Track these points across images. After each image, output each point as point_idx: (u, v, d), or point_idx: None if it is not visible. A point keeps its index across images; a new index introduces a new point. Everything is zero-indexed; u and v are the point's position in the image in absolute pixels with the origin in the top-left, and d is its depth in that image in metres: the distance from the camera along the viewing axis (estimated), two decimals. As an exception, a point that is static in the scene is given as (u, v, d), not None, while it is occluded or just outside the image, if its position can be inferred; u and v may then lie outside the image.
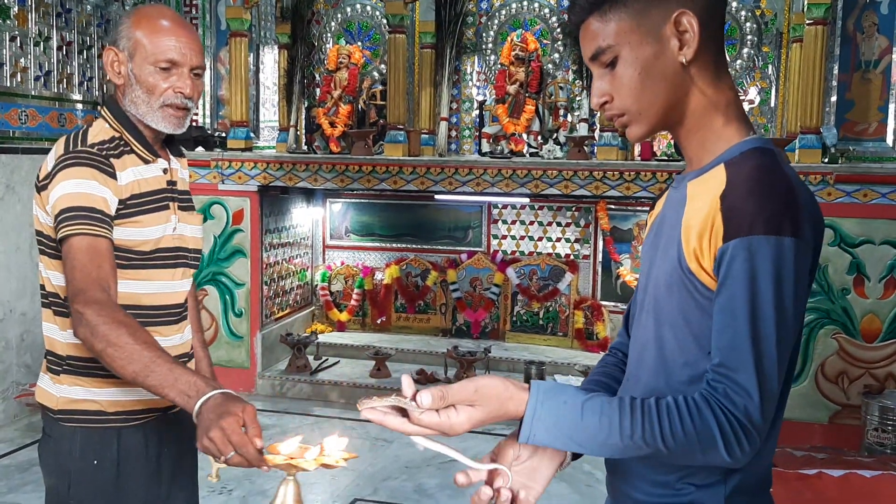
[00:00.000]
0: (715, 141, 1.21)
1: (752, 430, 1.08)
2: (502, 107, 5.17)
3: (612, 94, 1.21)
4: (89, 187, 1.64)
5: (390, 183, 5.00)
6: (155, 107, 1.75)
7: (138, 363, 1.46)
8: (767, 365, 1.08)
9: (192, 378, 1.42)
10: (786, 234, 1.08)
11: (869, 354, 4.37)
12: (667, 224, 1.24)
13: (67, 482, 1.74)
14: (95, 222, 1.62)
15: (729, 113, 1.22)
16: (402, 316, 5.93)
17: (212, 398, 1.36)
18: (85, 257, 1.58)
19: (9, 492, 3.74)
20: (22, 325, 4.77)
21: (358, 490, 3.83)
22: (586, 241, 5.67)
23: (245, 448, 1.28)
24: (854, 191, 4.30)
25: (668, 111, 1.21)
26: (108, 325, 1.49)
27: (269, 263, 5.45)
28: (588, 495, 3.79)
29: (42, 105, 4.95)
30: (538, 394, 1.13)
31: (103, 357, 1.50)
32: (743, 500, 1.19)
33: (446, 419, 1.12)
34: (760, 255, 1.08)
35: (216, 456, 1.31)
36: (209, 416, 1.33)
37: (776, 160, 1.16)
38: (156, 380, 1.44)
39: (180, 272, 1.84)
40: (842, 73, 4.71)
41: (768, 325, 1.08)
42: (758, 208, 1.09)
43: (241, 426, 1.30)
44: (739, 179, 1.13)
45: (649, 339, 1.24)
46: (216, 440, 1.29)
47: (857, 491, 3.15)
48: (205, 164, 5.19)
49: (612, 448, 1.12)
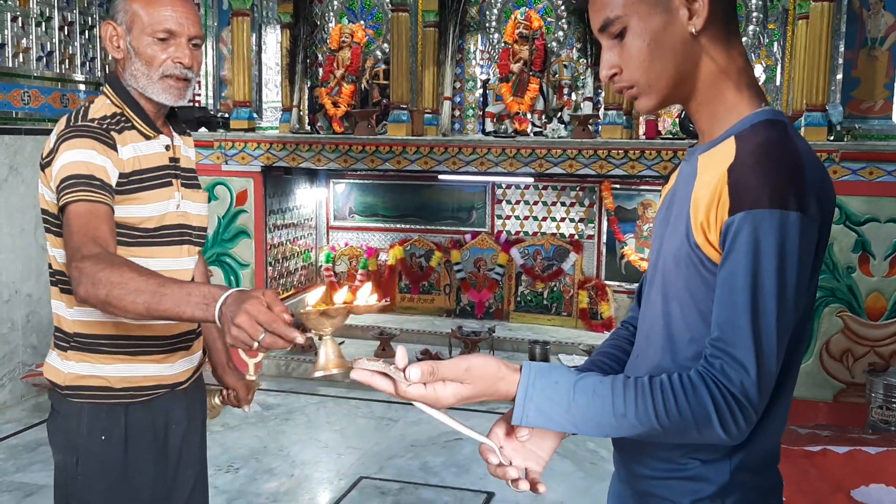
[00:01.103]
0: (726, 113, 1.20)
1: (747, 406, 1.07)
2: (506, 85, 5.14)
3: (621, 66, 1.20)
4: (88, 156, 1.64)
5: (394, 163, 4.99)
6: (155, 78, 1.74)
7: (146, 292, 1.40)
8: (766, 341, 1.07)
9: (204, 288, 1.38)
10: (791, 209, 1.06)
11: (874, 332, 4.37)
12: (677, 198, 1.23)
13: (76, 457, 1.75)
14: (95, 189, 1.61)
15: (741, 84, 1.20)
16: (407, 296, 5.93)
17: (229, 296, 1.32)
18: (82, 220, 1.56)
19: (16, 471, 3.77)
20: (28, 307, 4.79)
21: (363, 468, 3.85)
22: (590, 220, 5.66)
23: (274, 323, 1.24)
24: (860, 168, 4.28)
25: (678, 83, 1.19)
26: (108, 270, 1.44)
27: (273, 244, 5.45)
28: (592, 472, 3.80)
29: (45, 86, 4.94)
30: (529, 375, 1.14)
31: (110, 302, 1.43)
32: (748, 477, 1.19)
33: (432, 392, 1.15)
34: (764, 229, 1.06)
35: (247, 343, 1.26)
36: (231, 309, 1.28)
37: (786, 133, 1.14)
38: (169, 302, 1.38)
39: (185, 249, 1.84)
40: (848, 51, 4.67)
41: (769, 301, 1.07)
42: (763, 182, 1.07)
43: (265, 307, 1.26)
44: (748, 152, 1.11)
45: (657, 315, 1.24)
46: (244, 324, 1.25)
47: (862, 467, 3.16)
48: (208, 144, 5.18)
49: (606, 427, 1.12)
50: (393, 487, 3.64)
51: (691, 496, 1.19)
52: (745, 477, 1.19)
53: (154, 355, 1.79)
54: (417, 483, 3.70)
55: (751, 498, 1.20)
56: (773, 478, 1.25)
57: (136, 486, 1.79)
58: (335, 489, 3.63)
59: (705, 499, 1.18)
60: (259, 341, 1.25)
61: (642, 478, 1.25)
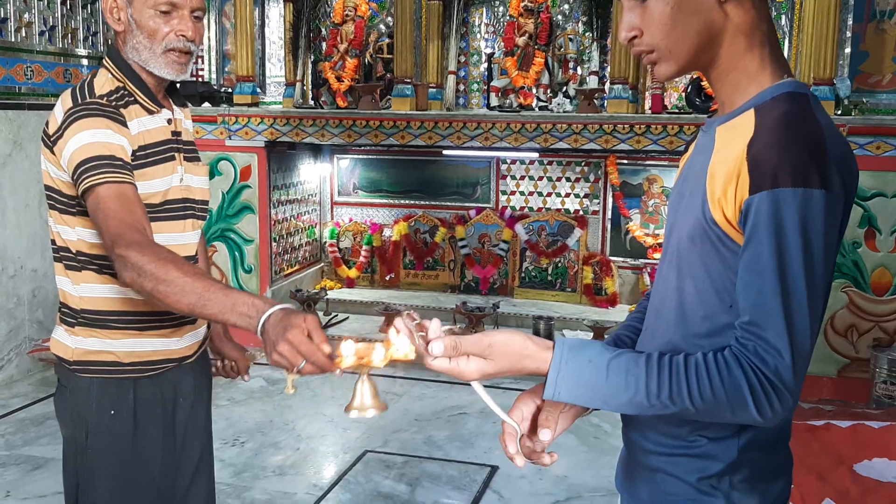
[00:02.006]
0: (748, 83, 1.16)
1: (783, 389, 1.05)
2: (511, 59, 5.10)
3: (642, 29, 1.17)
4: (106, 136, 1.62)
5: (398, 138, 4.97)
6: (158, 52, 1.73)
7: (192, 294, 1.43)
8: (798, 323, 1.05)
9: (249, 299, 1.41)
10: (814, 186, 1.04)
11: (879, 308, 4.37)
12: (693, 171, 1.21)
13: (85, 432, 1.76)
14: (118, 169, 1.60)
15: (765, 53, 1.17)
16: (411, 272, 5.94)
17: (273, 314, 1.35)
18: (115, 204, 1.56)
19: (24, 445, 3.80)
20: (33, 282, 4.80)
21: (369, 442, 3.87)
22: (595, 196, 5.64)
23: (314, 356, 1.30)
24: (867, 143, 4.25)
25: (699, 50, 1.16)
26: (154, 264, 1.47)
27: (278, 220, 5.45)
28: (596, 447, 3.82)
29: (47, 60, 4.92)
30: (563, 352, 1.12)
31: (155, 295, 1.47)
32: (757, 455, 1.19)
33: (455, 366, 1.14)
34: (787, 209, 1.04)
35: (288, 369, 1.33)
36: (274, 331, 1.32)
37: (808, 107, 1.11)
38: (214, 308, 1.42)
39: (189, 224, 1.83)
40: (856, 24, 4.62)
41: (797, 282, 1.05)
42: (784, 159, 1.05)
43: (306, 336, 1.30)
44: (767, 127, 1.08)
45: (669, 290, 1.22)
46: (286, 353, 1.30)
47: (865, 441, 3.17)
48: (211, 119, 5.16)
49: (637, 406, 1.10)
50: (397, 461, 3.67)
51: (698, 473, 1.19)
52: (754, 455, 1.18)
53: (162, 330, 1.80)
54: (422, 457, 3.72)
55: (759, 475, 1.19)
56: (781, 456, 1.24)
57: (145, 459, 1.80)
58: (340, 462, 3.66)
59: (712, 476, 1.18)
60: (300, 369, 1.31)
61: (650, 453, 1.25)
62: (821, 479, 2.89)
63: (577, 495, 3.37)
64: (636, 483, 1.28)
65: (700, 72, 1.20)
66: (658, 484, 1.23)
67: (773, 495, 1.21)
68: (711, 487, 1.18)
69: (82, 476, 1.77)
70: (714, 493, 1.18)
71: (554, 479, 3.51)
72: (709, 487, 1.19)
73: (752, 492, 1.19)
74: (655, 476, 1.24)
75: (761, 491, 1.20)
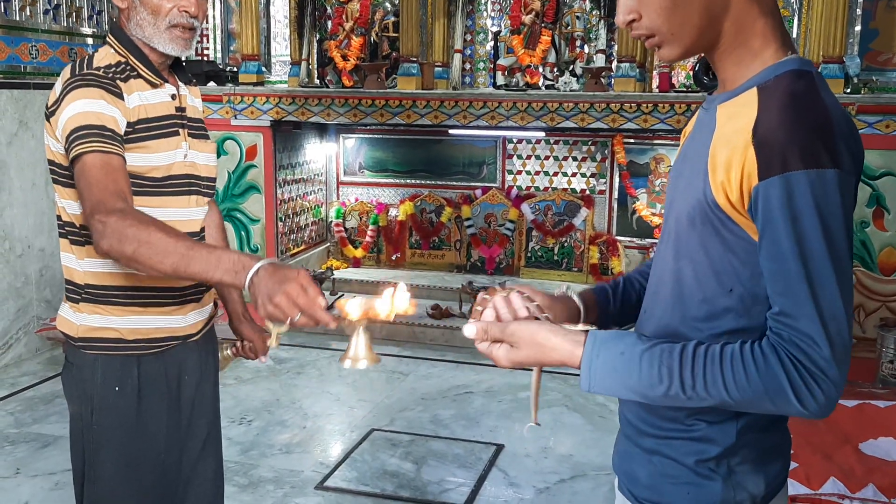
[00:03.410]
0: (751, 60, 1.13)
1: (824, 377, 1.02)
2: (517, 38, 5.07)
3: (640, 12, 1.13)
4: (98, 106, 1.62)
5: (403, 117, 4.95)
6: (161, 28, 1.72)
7: (175, 255, 1.42)
8: (829, 307, 1.02)
9: (234, 255, 1.40)
10: (826, 166, 1.01)
11: (886, 288, 4.35)
12: (694, 150, 1.18)
13: (90, 408, 1.77)
14: (107, 139, 1.60)
15: (767, 31, 1.13)
16: (417, 252, 5.94)
17: (261, 268, 1.36)
18: (99, 173, 1.56)
19: (33, 423, 3.83)
20: (41, 261, 4.82)
21: (375, 420, 3.89)
22: (602, 175, 5.62)
23: (312, 308, 1.31)
24: (876, 122, 4.21)
25: (701, 32, 1.12)
26: (135, 227, 1.45)
27: (284, 199, 5.45)
28: (601, 426, 3.83)
29: (52, 39, 4.90)
30: (594, 345, 1.12)
31: (137, 259, 1.45)
32: (755, 437, 1.18)
33: (489, 351, 1.17)
34: (799, 192, 1.01)
35: (281, 320, 1.33)
36: (269, 283, 1.33)
37: (813, 85, 1.08)
38: (198, 266, 1.41)
39: (194, 200, 1.83)
40: (866, 2, 4.58)
41: (822, 265, 1.02)
42: (791, 140, 1.02)
43: (303, 290, 1.32)
44: (771, 108, 1.05)
45: (666, 272, 1.21)
46: (282, 305, 1.31)
47: (870, 420, 3.17)
48: (217, 98, 5.15)
49: (675, 398, 1.08)
50: (404, 439, 3.69)
51: (696, 456, 1.19)
52: (752, 437, 1.18)
53: (166, 307, 1.80)
54: (428, 435, 3.74)
55: (755, 457, 1.19)
56: (779, 436, 1.23)
57: (150, 436, 1.81)
58: (347, 440, 3.68)
59: (710, 460, 1.18)
60: (294, 321, 1.31)
61: (648, 436, 1.24)
62: (826, 458, 2.89)
63: (581, 473, 3.38)
64: (634, 465, 1.28)
65: (703, 52, 1.16)
66: (656, 466, 1.23)
67: (771, 475, 1.21)
68: (710, 470, 1.18)
69: (88, 452, 1.78)
70: (712, 476, 1.18)
71: (559, 457, 3.53)
72: (707, 470, 1.18)
73: (751, 473, 1.19)
74: (653, 458, 1.24)
75: (760, 472, 1.20)
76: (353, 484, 3.27)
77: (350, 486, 3.26)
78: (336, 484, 3.27)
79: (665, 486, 1.22)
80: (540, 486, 3.28)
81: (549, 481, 3.32)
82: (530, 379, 1.26)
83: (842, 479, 2.77)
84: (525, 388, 4.31)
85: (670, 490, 1.21)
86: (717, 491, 1.18)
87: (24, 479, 3.28)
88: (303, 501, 3.13)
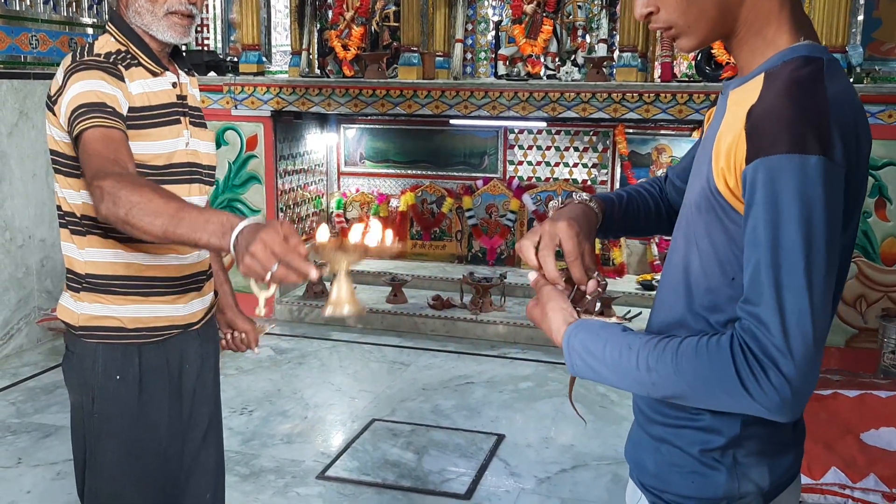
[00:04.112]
0: (765, 47, 1.13)
1: (774, 368, 0.99)
2: (519, 27, 5.05)
3: (658, 5, 1.14)
4: (98, 86, 1.62)
5: (404, 107, 4.94)
6: (160, 15, 1.72)
7: (165, 215, 1.37)
8: (793, 298, 0.99)
9: (223, 216, 1.33)
10: (811, 153, 0.99)
11: (888, 278, 4.34)
12: (707, 137, 1.18)
13: (91, 397, 1.76)
14: (108, 115, 1.59)
15: (783, 17, 1.12)
16: (418, 243, 5.93)
17: (247, 227, 1.28)
18: (100, 145, 1.55)
19: (35, 413, 3.84)
20: (42, 251, 4.82)
21: (376, 411, 3.89)
22: (604, 166, 5.61)
23: (290, 255, 1.19)
24: (879, 111, 4.20)
25: (717, 22, 1.13)
26: (128, 189, 1.42)
27: (284, 190, 5.44)
28: (603, 416, 3.83)
29: (52, 29, 4.89)
30: (576, 327, 1.17)
31: (129, 221, 1.41)
32: (762, 430, 1.17)
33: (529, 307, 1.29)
34: (782, 177, 0.99)
35: (260, 274, 1.22)
36: (247, 237, 1.24)
37: (819, 71, 1.06)
38: (186, 226, 1.35)
39: (196, 188, 1.82)
40: (870, -9, 4.56)
41: (793, 255, 0.99)
42: (781, 125, 1.01)
43: (281, 237, 1.21)
44: (771, 92, 1.05)
45: (678, 260, 1.21)
46: (257, 253, 1.20)
47: (872, 411, 3.17)
48: (217, 88, 5.13)
49: (641, 385, 1.11)
50: (405, 429, 3.69)
51: (700, 445, 1.18)
52: (759, 430, 1.16)
53: (167, 296, 1.80)
54: (429, 425, 3.74)
55: (762, 449, 1.18)
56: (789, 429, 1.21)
57: (151, 424, 1.81)
58: (348, 431, 3.68)
59: (715, 450, 1.17)
60: (272, 272, 1.21)
61: (656, 423, 1.25)
62: (828, 448, 2.89)
63: (583, 464, 3.38)
64: (642, 453, 1.28)
65: (721, 40, 1.18)
66: (664, 455, 1.23)
67: (780, 468, 1.20)
68: (714, 461, 1.18)
69: (90, 441, 1.78)
70: (717, 467, 1.18)
71: (560, 447, 3.53)
72: (712, 460, 1.18)
73: (757, 466, 1.18)
74: (661, 447, 1.24)
75: (768, 465, 1.19)
76: (354, 474, 3.28)
77: (351, 475, 3.26)
78: (337, 474, 3.27)
79: (671, 475, 1.22)
80: (541, 475, 3.28)
81: (549, 471, 3.32)
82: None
83: (843, 470, 2.77)
84: (525, 379, 4.32)
85: (676, 479, 1.21)
86: (721, 481, 1.18)
87: (26, 469, 3.29)
88: (304, 491, 3.14)
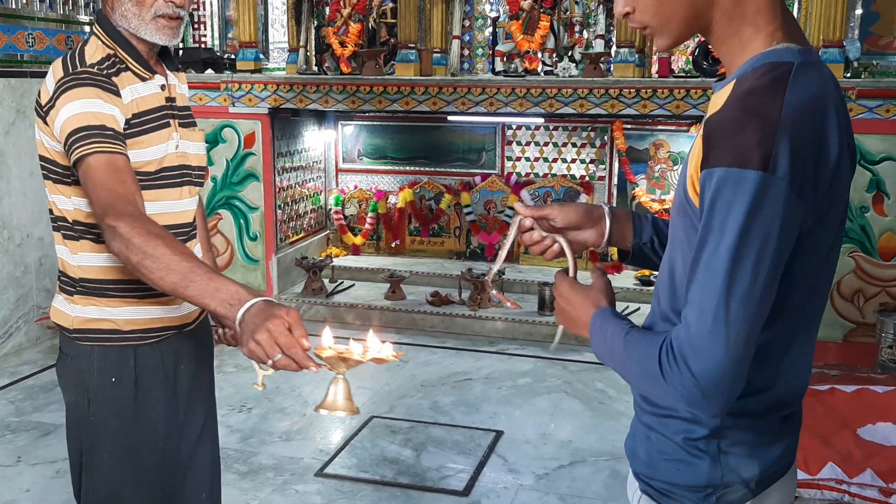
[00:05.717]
0: (741, 50, 1.13)
1: (682, 362, 1.05)
2: (516, 23, 5.04)
3: (633, 6, 1.17)
4: (96, 106, 1.61)
5: (402, 104, 4.93)
6: (147, 19, 1.70)
7: (176, 274, 1.41)
8: (712, 302, 1.03)
9: (232, 287, 1.38)
10: (750, 167, 0.99)
11: (886, 273, 4.35)
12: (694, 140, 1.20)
13: (87, 399, 1.77)
14: (109, 139, 1.58)
15: (758, 20, 1.11)
16: (417, 239, 5.93)
17: (255, 305, 1.32)
18: (105, 174, 1.54)
19: (34, 411, 3.84)
20: (40, 250, 4.82)
21: (375, 408, 3.90)
22: (602, 161, 5.61)
23: (292, 349, 1.26)
24: (876, 106, 4.19)
25: (690, 23, 1.15)
26: (143, 237, 1.45)
27: (282, 187, 5.44)
28: (601, 412, 3.84)
29: (49, 27, 4.88)
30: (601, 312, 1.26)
31: (139, 269, 1.45)
32: (746, 421, 1.18)
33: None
34: (723, 189, 1.01)
35: (262, 360, 1.28)
36: (254, 320, 1.29)
37: (782, 79, 1.05)
38: (196, 290, 1.40)
39: (186, 190, 1.82)
40: (867, -15, 4.55)
41: (720, 262, 1.02)
42: (726, 136, 1.03)
43: (287, 328, 1.27)
44: (731, 101, 1.06)
45: (667, 260, 1.23)
46: (263, 342, 1.26)
47: (869, 406, 3.17)
48: (214, 86, 5.13)
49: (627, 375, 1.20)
50: (403, 426, 3.70)
51: (684, 434, 1.20)
52: (742, 421, 1.18)
53: (161, 297, 1.79)
54: (427, 422, 3.75)
55: (749, 440, 1.19)
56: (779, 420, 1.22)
57: (148, 425, 1.81)
58: (347, 428, 3.69)
59: (699, 439, 1.19)
60: (274, 361, 1.26)
61: (646, 412, 1.27)
62: (824, 443, 2.89)
63: (581, 459, 3.39)
64: (637, 444, 1.30)
65: (702, 36, 1.19)
66: (653, 443, 1.25)
67: (769, 459, 1.21)
68: (698, 450, 1.19)
69: (86, 441, 1.78)
70: (701, 456, 1.19)
71: (558, 443, 3.54)
72: (695, 449, 1.20)
73: (744, 457, 1.19)
74: (651, 435, 1.26)
75: (754, 456, 1.20)
76: (352, 471, 3.28)
77: (350, 472, 3.27)
78: (336, 471, 3.28)
79: (659, 462, 1.24)
80: (539, 472, 3.29)
81: (548, 467, 3.33)
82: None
83: (840, 465, 2.77)
84: (524, 375, 4.32)
85: (664, 466, 1.23)
86: (704, 470, 1.19)
87: (25, 468, 3.29)
88: (302, 488, 3.14)
